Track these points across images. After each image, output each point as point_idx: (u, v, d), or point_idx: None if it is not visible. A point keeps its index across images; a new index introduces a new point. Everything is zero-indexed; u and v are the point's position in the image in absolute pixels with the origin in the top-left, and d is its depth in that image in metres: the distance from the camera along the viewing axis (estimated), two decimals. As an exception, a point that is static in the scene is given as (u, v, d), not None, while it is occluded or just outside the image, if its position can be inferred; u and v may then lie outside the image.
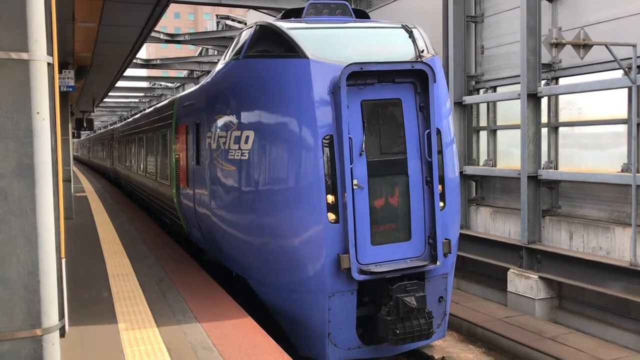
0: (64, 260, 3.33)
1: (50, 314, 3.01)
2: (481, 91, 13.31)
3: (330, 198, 6.85)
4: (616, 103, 10.09)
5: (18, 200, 2.90)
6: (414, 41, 7.61)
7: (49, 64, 2.98)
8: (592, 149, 10.92)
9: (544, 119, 11.36)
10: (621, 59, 9.10)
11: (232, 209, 7.83)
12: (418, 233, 7.19)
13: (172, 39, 22.86)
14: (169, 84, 37.84)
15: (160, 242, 11.52)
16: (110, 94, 27.37)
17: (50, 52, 3.00)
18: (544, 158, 11.35)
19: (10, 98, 2.84)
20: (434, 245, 7.15)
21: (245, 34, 8.12)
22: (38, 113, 2.89)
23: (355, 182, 6.88)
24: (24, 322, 2.96)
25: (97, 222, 14.40)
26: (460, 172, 12.21)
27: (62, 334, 3.19)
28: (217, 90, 8.55)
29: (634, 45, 9.01)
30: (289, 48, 7.15)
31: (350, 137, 6.83)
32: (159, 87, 40.03)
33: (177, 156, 10.75)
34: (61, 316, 3.14)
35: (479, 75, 13.27)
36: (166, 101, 14.10)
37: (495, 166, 12.88)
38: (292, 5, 15.05)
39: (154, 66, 27.38)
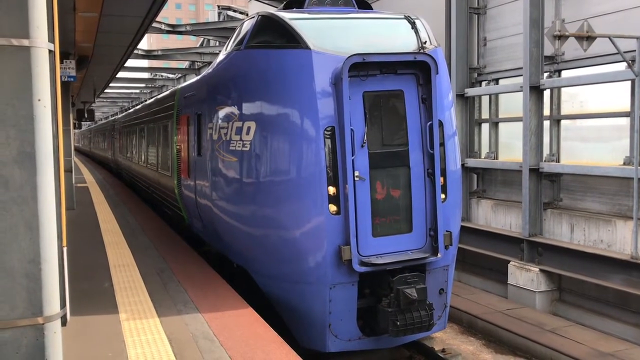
0: (65, 249, 3.32)
1: (52, 303, 3.01)
2: (483, 83, 13.26)
3: (332, 189, 6.84)
4: (619, 96, 10.05)
5: (19, 188, 2.88)
6: (416, 32, 7.57)
7: (50, 50, 2.95)
8: (594, 141, 10.89)
9: (546, 111, 11.32)
10: (625, 52, 9.06)
11: (234, 200, 7.82)
12: (419, 225, 7.18)
13: (174, 29, 22.76)
14: (170, 75, 37.71)
15: (162, 233, 11.52)
16: (111, 84, 27.28)
17: (51, 39, 2.98)
18: (546, 151, 11.32)
19: (11, 85, 2.82)
20: (435, 238, 7.14)
21: (247, 25, 8.08)
22: (39, 100, 2.87)
23: (356, 173, 6.86)
24: (26, 310, 2.95)
25: (98, 212, 14.40)
26: (462, 165, 12.17)
27: (64, 322, 3.19)
28: (218, 81, 8.52)
29: (638, 38, 8.96)
30: (291, 38, 7.11)
31: (352, 129, 6.80)
32: (160, 78, 39.92)
33: (178, 147, 10.73)
34: (63, 305, 3.13)
35: (481, 67, 13.22)
36: (167, 92, 14.06)
37: (497, 159, 12.85)
38: (294, -4, 14.94)
39: (155, 57, 27.29)
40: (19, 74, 2.82)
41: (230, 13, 28.49)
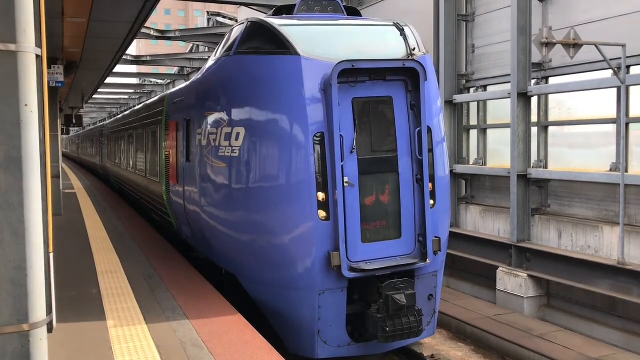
0: (52, 255, 3.29)
1: (38, 309, 2.97)
2: (472, 90, 13.35)
3: (321, 195, 6.84)
4: (605, 103, 10.16)
5: (5, 193, 2.85)
6: (405, 39, 7.61)
7: (37, 55, 2.93)
8: (581, 148, 10.99)
9: (534, 118, 11.41)
10: (611, 59, 9.15)
11: (222, 206, 7.80)
12: (408, 231, 7.20)
13: (163, 35, 22.73)
14: (159, 81, 37.62)
15: (150, 239, 11.46)
16: (99, 90, 27.17)
17: (38, 44, 2.96)
18: (534, 157, 11.41)
19: (-2, 90, 2.80)
20: (424, 243, 7.16)
21: (237, 31, 8.08)
22: (26, 105, 2.85)
23: (346, 179, 6.87)
24: (11, 317, 2.92)
25: (85, 219, 14.30)
26: (451, 171, 12.24)
27: (50, 329, 3.15)
28: (207, 87, 8.51)
29: (624, 46, 9.06)
30: (281, 45, 7.12)
31: (341, 135, 6.82)
32: (149, 83, 39.80)
33: (167, 153, 10.69)
34: (49, 311, 3.10)
35: (469, 74, 13.31)
36: (156, 98, 14.02)
37: (485, 165, 12.92)
38: (283, 2, 14.99)
39: (144, 63, 27.21)
40: (5, 79, 2.80)
41: (220, 19, 28.47)
